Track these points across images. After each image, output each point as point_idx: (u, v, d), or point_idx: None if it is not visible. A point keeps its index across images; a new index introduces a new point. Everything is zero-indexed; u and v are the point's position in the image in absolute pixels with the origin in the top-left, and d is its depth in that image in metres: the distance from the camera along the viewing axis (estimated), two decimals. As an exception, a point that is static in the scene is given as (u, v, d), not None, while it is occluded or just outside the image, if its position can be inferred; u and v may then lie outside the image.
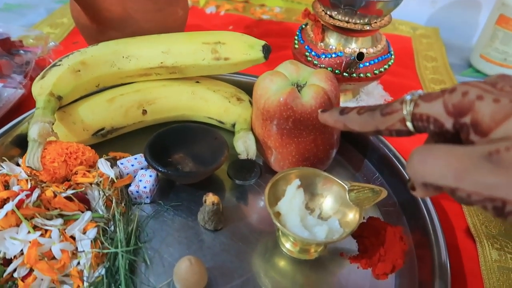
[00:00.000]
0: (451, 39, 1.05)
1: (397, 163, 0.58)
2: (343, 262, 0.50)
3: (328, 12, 0.69)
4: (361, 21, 0.66)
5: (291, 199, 0.49)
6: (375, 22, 0.67)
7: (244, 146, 0.56)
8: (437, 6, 1.11)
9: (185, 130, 0.60)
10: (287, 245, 0.50)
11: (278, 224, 0.45)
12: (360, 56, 0.62)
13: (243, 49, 0.60)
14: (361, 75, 0.69)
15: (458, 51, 1.01)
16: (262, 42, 0.61)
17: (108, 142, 0.61)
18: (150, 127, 0.64)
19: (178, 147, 0.59)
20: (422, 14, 1.11)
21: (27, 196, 0.45)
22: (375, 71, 0.70)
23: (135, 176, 0.55)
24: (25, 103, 0.67)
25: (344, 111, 0.35)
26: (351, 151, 0.65)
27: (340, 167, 0.64)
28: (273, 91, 0.54)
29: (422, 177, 0.24)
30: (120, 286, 0.43)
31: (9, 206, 0.43)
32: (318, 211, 0.50)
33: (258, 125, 0.57)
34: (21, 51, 0.71)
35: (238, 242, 0.51)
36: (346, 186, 0.50)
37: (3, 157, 0.53)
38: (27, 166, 0.47)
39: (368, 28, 0.66)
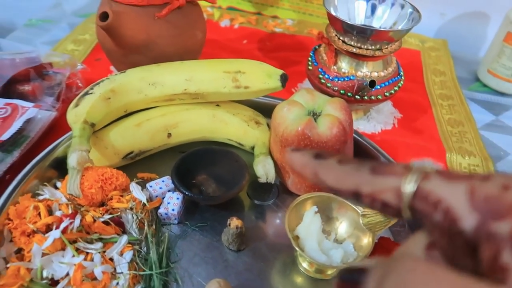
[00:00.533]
0: (459, 51, 1.08)
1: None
2: (355, 280, 0.54)
3: (341, 38, 0.72)
4: (373, 47, 0.69)
5: (309, 225, 0.53)
6: (386, 48, 0.71)
7: (264, 170, 0.61)
8: (446, 18, 1.13)
9: (207, 153, 0.65)
10: (304, 264, 0.55)
11: (298, 249, 0.49)
12: (372, 84, 0.66)
13: (262, 78, 0.64)
14: (372, 97, 0.73)
15: (466, 64, 1.04)
16: (280, 72, 0.65)
17: (136, 163, 0.65)
18: (174, 148, 0.69)
19: (201, 169, 0.64)
20: (431, 26, 1.14)
21: (71, 222, 0.49)
22: (385, 93, 0.73)
23: (163, 198, 0.59)
24: (58, 124, 0.71)
25: (321, 155, 0.25)
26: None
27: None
28: (291, 120, 0.58)
29: None
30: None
31: (56, 233, 0.47)
32: (334, 234, 0.55)
33: (276, 150, 0.61)
34: (51, 72, 0.76)
35: (259, 261, 0.55)
36: (359, 211, 0.54)
37: (44, 183, 0.58)
38: (69, 194, 0.52)
39: (379, 53, 0.70)
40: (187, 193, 0.57)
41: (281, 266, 0.55)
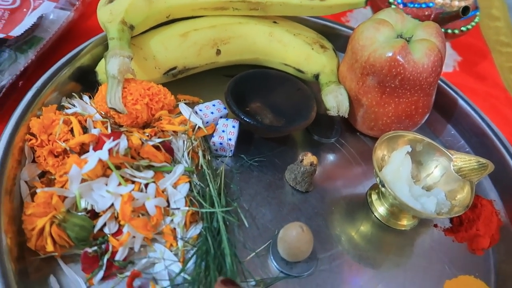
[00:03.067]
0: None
1: (489, 132, 0.55)
2: (436, 234, 0.48)
3: (424, -46, 0.60)
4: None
5: (399, 166, 0.45)
6: (476, -28, 0.60)
7: (336, 101, 0.51)
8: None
9: (264, 77, 0.54)
10: (380, 209, 0.47)
11: (390, 191, 0.41)
12: (466, 10, 0.56)
13: (341, -11, 0.53)
14: (449, 31, 0.63)
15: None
16: (363, -16, 0.54)
17: (175, 84, 0.54)
18: (219, 70, 0.57)
19: (255, 95, 0.54)
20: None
21: (116, 144, 0.39)
22: (462, 28, 0.64)
23: (216, 125, 0.49)
24: (75, 29, 0.58)
25: None
26: (433, 114, 0.60)
27: (419, 129, 0.59)
28: (380, 43, 0.47)
29: None
30: (219, 249, 0.39)
31: (103, 154, 0.37)
32: (423, 180, 0.47)
33: (352, 79, 0.51)
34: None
35: (329, 205, 0.47)
36: (450, 156, 0.46)
37: (72, 93, 0.46)
38: (110, 108, 0.41)
39: (468, -23, 0.59)
40: (248, 119, 0.47)
41: (354, 212, 0.48)
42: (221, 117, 0.50)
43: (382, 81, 0.48)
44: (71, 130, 0.41)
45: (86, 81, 0.50)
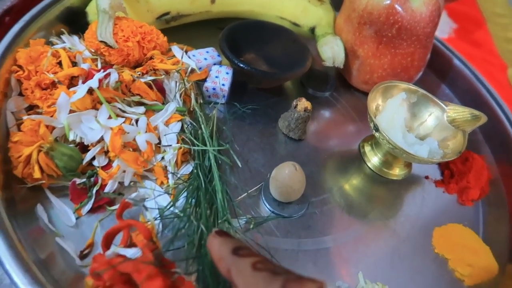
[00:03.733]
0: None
1: (484, 91, 0.55)
2: (427, 185, 0.48)
3: None
4: None
5: (393, 114, 0.45)
6: None
7: (332, 52, 0.50)
8: None
9: (258, 28, 0.53)
10: (373, 159, 0.47)
11: (385, 135, 0.41)
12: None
13: None
14: (446, -9, 0.62)
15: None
16: None
17: (169, 32, 0.52)
18: (212, 22, 0.56)
19: (249, 46, 0.53)
20: None
21: (106, 75, 0.38)
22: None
23: (209, 71, 0.48)
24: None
25: (239, 251, 0.25)
26: (427, 73, 0.60)
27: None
28: (379, -10, 0.47)
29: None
30: (210, 187, 0.39)
31: (93, 82, 0.36)
32: (417, 129, 0.47)
33: (348, 31, 0.51)
34: None
35: (323, 154, 0.47)
36: (444, 107, 0.46)
37: (61, 29, 0.44)
38: (100, 41, 0.39)
39: None
40: (242, 65, 0.46)
41: (346, 161, 0.48)
42: (214, 64, 0.49)
43: (379, 30, 0.47)
44: (60, 63, 0.40)
45: (75, 23, 0.49)
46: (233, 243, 0.25)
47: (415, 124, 0.47)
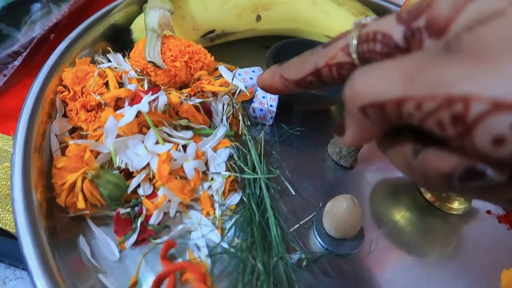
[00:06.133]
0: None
1: None
2: (489, 220, 0.44)
3: None
4: None
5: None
6: None
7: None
8: None
9: (306, 45, 0.50)
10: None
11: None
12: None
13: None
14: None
15: None
16: None
17: (212, 50, 0.51)
18: (257, 40, 0.54)
19: (296, 66, 0.50)
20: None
21: (155, 98, 0.36)
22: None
23: (255, 92, 0.46)
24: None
25: (282, 63, 0.25)
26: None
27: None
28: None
29: (362, 98, 0.17)
30: (263, 219, 0.36)
31: (143, 106, 0.34)
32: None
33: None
34: None
35: (375, 182, 0.44)
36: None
37: (107, 47, 0.43)
38: (149, 61, 0.38)
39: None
40: (292, 87, 0.43)
41: (400, 190, 0.44)
42: (261, 85, 0.47)
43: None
44: (106, 84, 0.38)
45: (119, 40, 0.47)
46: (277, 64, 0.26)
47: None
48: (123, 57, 0.45)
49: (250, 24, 0.51)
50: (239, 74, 0.46)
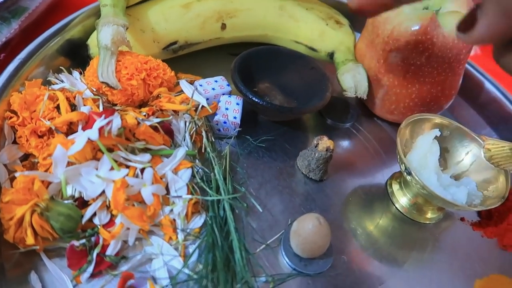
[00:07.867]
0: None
1: (520, 118, 0.50)
2: (463, 228, 0.43)
3: None
4: None
5: (426, 153, 0.40)
6: None
7: (354, 81, 0.46)
8: None
9: (273, 54, 0.49)
10: (401, 200, 0.43)
11: (418, 179, 0.37)
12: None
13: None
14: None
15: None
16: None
17: (176, 61, 0.49)
18: (224, 48, 0.52)
19: (263, 74, 0.49)
20: None
21: (108, 122, 0.34)
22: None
23: (218, 103, 0.44)
24: (64, 3, 0.53)
25: None
26: (455, 98, 0.55)
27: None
28: (407, 15, 0.42)
29: None
30: (226, 241, 0.35)
31: (92, 133, 0.32)
32: (451, 168, 0.42)
33: (372, 57, 0.47)
34: None
35: (347, 196, 0.43)
36: (481, 142, 0.42)
37: (60, 67, 0.41)
38: (102, 82, 0.36)
39: None
40: (257, 100, 0.42)
41: (372, 199, 0.43)
42: (223, 94, 0.45)
43: (407, 58, 0.43)
44: (58, 107, 0.36)
45: (77, 56, 0.45)
46: None
47: (449, 162, 0.42)
48: (81, 74, 0.43)
49: (215, 33, 0.49)
50: (201, 85, 0.44)
